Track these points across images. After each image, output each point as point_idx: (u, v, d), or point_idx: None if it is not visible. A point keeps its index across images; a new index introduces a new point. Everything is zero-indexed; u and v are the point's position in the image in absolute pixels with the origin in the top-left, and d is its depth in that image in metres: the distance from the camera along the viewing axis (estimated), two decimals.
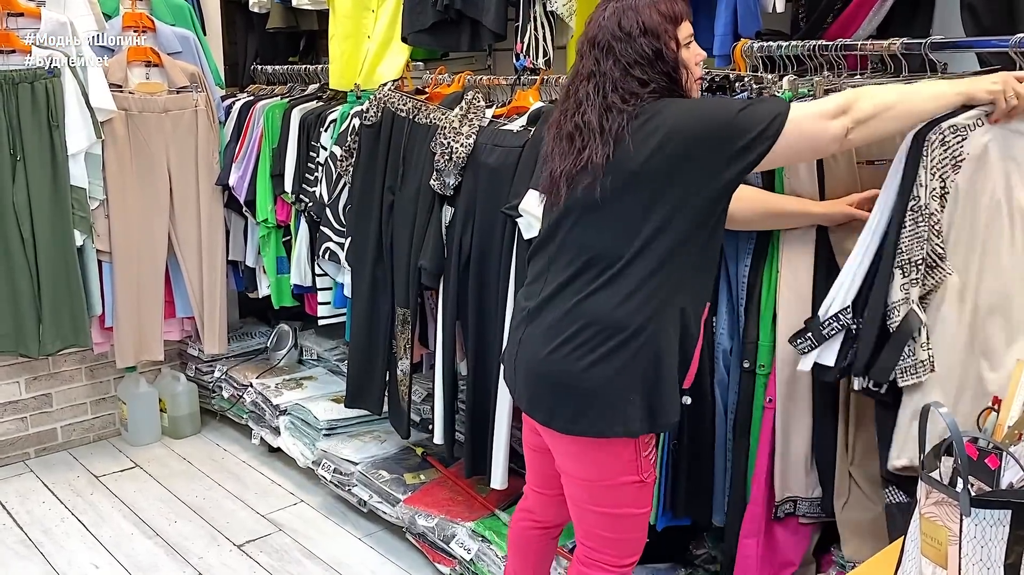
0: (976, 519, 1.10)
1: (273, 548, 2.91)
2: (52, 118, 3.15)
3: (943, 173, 1.67)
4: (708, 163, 1.64)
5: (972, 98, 1.66)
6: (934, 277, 1.69)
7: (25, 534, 3.03)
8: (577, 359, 1.71)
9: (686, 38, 1.72)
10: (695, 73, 1.74)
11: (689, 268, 1.71)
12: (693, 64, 1.74)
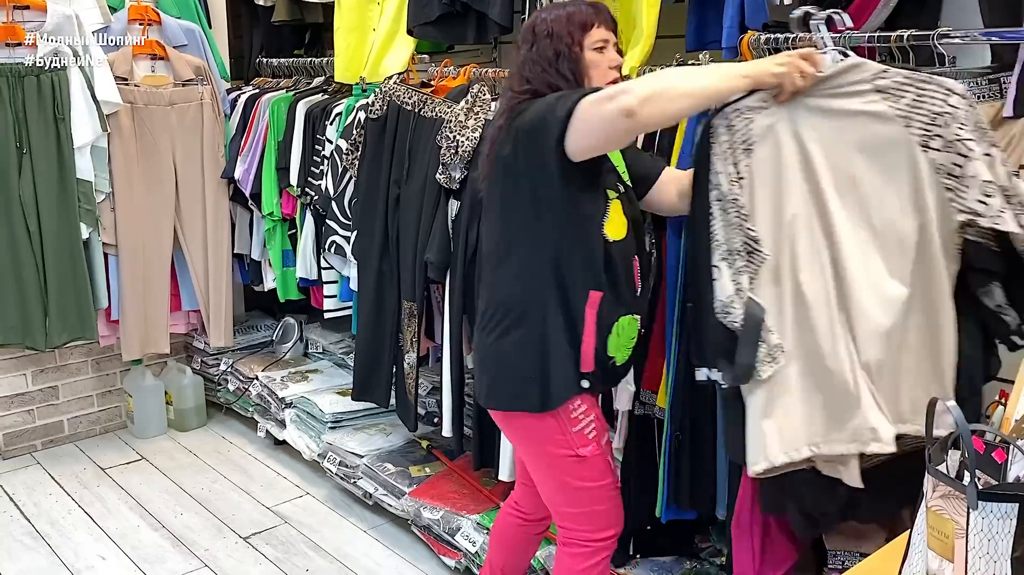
0: (983, 512, 1.10)
1: (279, 540, 2.92)
2: (58, 111, 3.15)
3: (735, 158, 1.70)
4: (538, 155, 1.78)
5: (759, 81, 1.71)
6: (754, 262, 1.70)
7: (32, 526, 3.04)
8: (486, 336, 1.90)
9: (596, 42, 1.85)
10: (604, 76, 1.86)
11: (563, 252, 1.82)
12: (605, 67, 1.86)
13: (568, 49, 1.85)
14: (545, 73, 1.84)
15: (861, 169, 1.69)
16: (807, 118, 1.71)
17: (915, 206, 1.67)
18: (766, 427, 1.69)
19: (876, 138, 1.68)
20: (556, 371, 1.83)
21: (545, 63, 1.85)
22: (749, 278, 1.71)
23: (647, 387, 2.23)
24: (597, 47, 1.86)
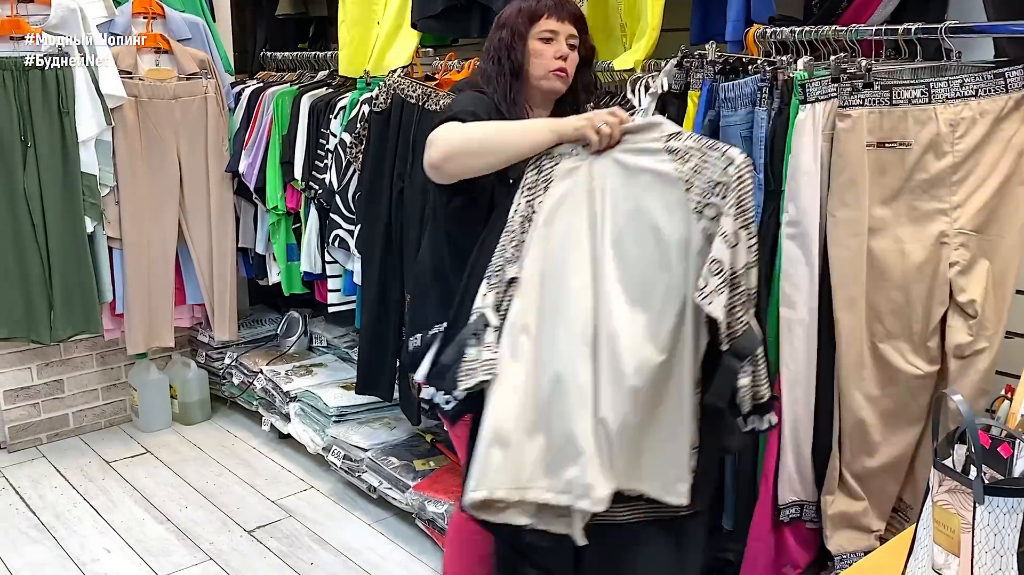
0: (990, 507, 1.10)
1: (283, 534, 2.92)
2: (62, 105, 3.15)
3: (534, 195, 1.73)
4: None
5: (562, 135, 1.75)
6: (509, 294, 1.70)
7: (38, 518, 3.05)
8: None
9: (543, 32, 1.91)
10: (546, 66, 1.91)
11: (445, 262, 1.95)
12: (549, 56, 1.90)
13: (511, 38, 1.92)
14: (484, 62, 1.96)
15: (640, 227, 1.67)
16: (606, 169, 1.71)
17: (681, 271, 1.65)
18: (494, 458, 1.65)
19: (659, 198, 1.66)
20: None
21: (490, 51, 1.95)
22: (499, 306, 1.70)
23: None
24: (543, 37, 1.91)
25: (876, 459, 1.99)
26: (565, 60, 1.93)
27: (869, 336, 1.93)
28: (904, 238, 1.89)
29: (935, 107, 1.83)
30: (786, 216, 1.91)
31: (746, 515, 2.06)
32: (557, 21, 1.92)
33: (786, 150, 1.89)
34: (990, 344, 1.89)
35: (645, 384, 1.63)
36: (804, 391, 1.97)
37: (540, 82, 1.94)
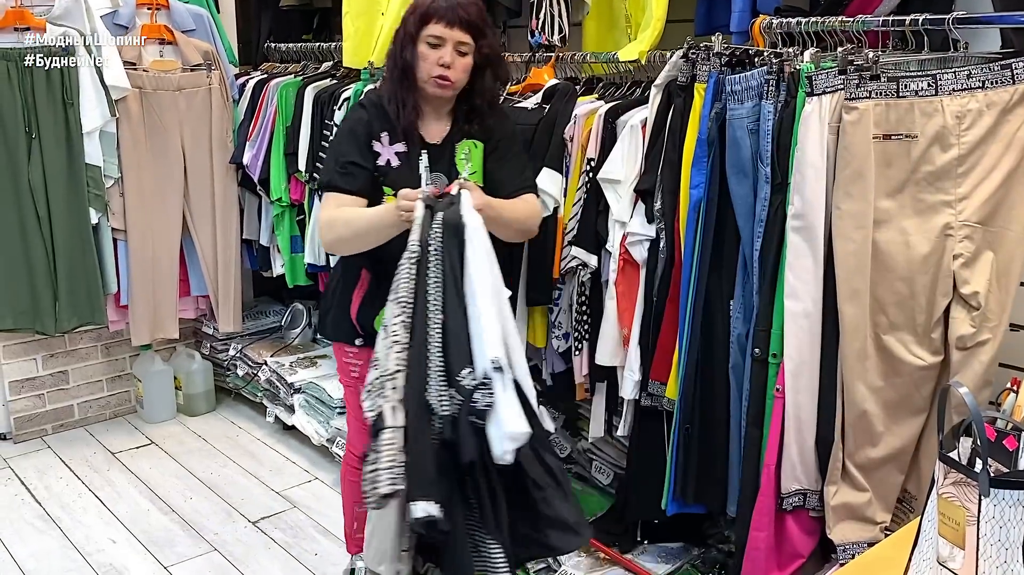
0: (995, 500, 1.09)
1: (288, 524, 2.93)
2: (67, 96, 3.15)
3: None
4: None
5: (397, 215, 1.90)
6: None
7: (43, 509, 3.06)
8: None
9: (429, 37, 1.94)
10: (429, 70, 1.95)
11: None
12: (432, 62, 1.94)
13: (403, 36, 1.98)
14: (389, 58, 2.03)
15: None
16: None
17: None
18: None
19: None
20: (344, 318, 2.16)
21: (393, 47, 2.02)
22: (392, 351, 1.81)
23: (655, 378, 2.23)
24: (430, 42, 1.94)
25: (879, 450, 1.99)
26: (448, 68, 1.94)
27: (873, 327, 1.93)
28: (909, 230, 1.88)
29: (941, 99, 1.82)
30: (792, 208, 1.90)
31: (748, 503, 2.06)
32: (446, 27, 1.92)
33: (792, 143, 1.88)
34: (993, 336, 1.88)
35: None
36: (808, 381, 1.97)
37: (424, 85, 1.98)
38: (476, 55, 1.98)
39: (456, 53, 1.95)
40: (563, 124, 2.36)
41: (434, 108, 2.05)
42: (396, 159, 2.04)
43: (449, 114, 2.07)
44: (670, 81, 2.15)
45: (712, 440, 2.14)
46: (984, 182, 1.85)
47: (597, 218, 2.30)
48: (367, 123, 2.03)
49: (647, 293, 2.23)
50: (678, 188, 2.12)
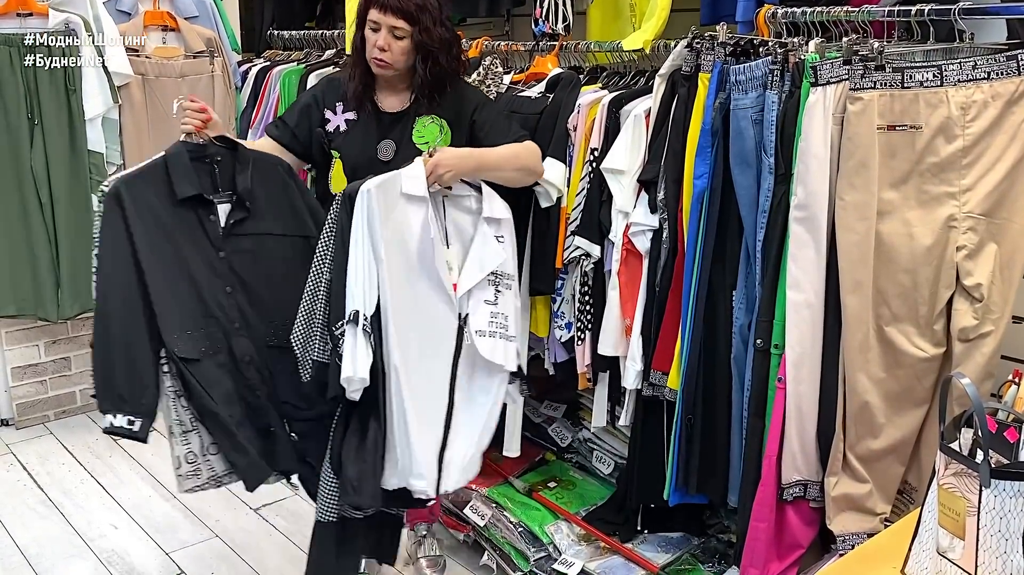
0: (996, 490, 1.10)
1: (289, 511, 2.94)
2: (69, 82, 3.15)
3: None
4: None
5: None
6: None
7: (45, 494, 3.07)
8: None
9: (370, 22, 2.09)
10: (370, 53, 2.11)
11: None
12: (371, 45, 2.10)
13: (357, 21, 2.14)
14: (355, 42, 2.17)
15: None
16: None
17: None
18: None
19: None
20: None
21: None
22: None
23: (657, 367, 2.22)
24: (371, 26, 2.09)
25: (880, 441, 1.99)
26: (384, 51, 2.09)
27: (875, 319, 1.93)
28: (912, 221, 1.88)
29: (947, 90, 1.82)
30: (795, 199, 1.90)
31: (749, 494, 2.06)
32: (379, 12, 2.08)
33: (796, 133, 1.88)
34: (996, 328, 1.88)
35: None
36: (810, 372, 1.97)
37: (370, 64, 2.14)
38: (412, 40, 2.11)
39: (392, 37, 2.09)
40: (567, 114, 2.35)
41: (388, 83, 2.20)
42: (344, 125, 2.20)
43: (407, 88, 2.21)
44: (674, 71, 2.14)
45: (714, 430, 2.14)
46: (988, 174, 1.84)
47: (600, 208, 2.30)
48: (316, 96, 2.25)
49: (650, 283, 2.23)
50: (681, 178, 2.12)
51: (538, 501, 2.62)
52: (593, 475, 2.75)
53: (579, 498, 2.63)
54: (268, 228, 2.07)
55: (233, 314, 2.04)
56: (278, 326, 2.05)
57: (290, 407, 2.09)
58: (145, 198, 1.98)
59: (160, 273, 1.97)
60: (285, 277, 2.06)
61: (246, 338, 2.05)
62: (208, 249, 2.03)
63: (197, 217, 2.02)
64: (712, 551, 2.40)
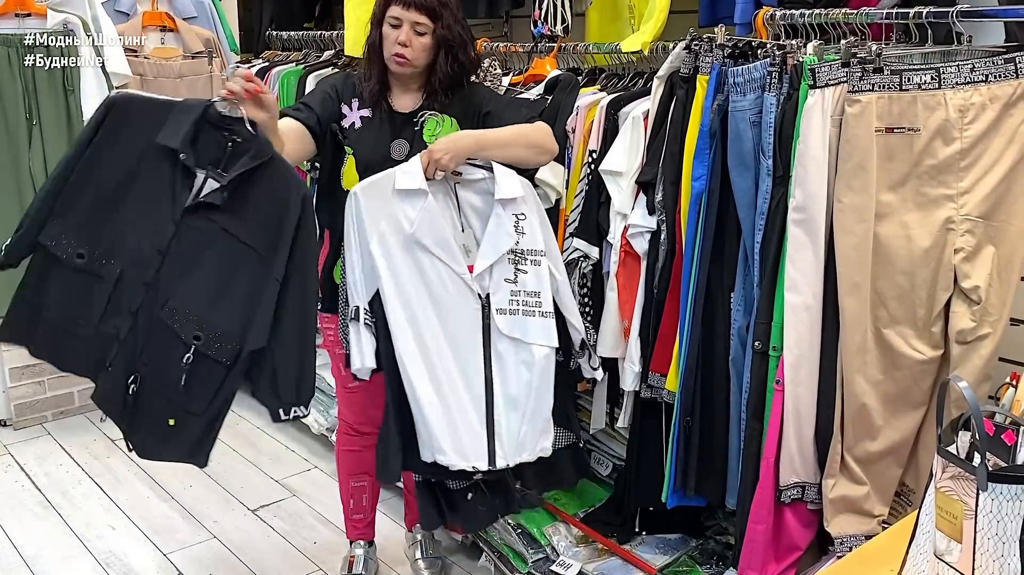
0: (993, 494, 1.10)
1: (287, 513, 2.94)
2: (67, 83, 3.15)
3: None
4: None
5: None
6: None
7: (43, 496, 3.07)
8: None
9: (391, 18, 2.09)
10: (390, 49, 2.10)
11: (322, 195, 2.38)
12: (392, 41, 2.09)
13: (373, 20, 2.16)
14: (372, 39, 2.17)
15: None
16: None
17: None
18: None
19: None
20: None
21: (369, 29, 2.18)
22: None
23: (655, 369, 2.23)
24: (391, 23, 2.09)
25: (878, 443, 1.99)
26: (405, 47, 2.09)
27: (873, 321, 1.93)
28: (910, 224, 1.88)
29: (945, 92, 1.82)
30: (793, 201, 1.90)
31: (748, 496, 2.06)
32: (403, 8, 2.07)
33: (794, 135, 1.88)
34: (993, 330, 1.89)
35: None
36: (807, 374, 1.97)
37: (388, 63, 2.14)
38: (434, 36, 2.10)
39: (413, 33, 2.09)
40: (565, 115, 2.35)
41: (402, 83, 2.19)
42: (360, 122, 2.19)
43: (419, 88, 2.20)
44: (672, 73, 2.15)
45: (712, 433, 2.14)
46: (986, 176, 1.85)
47: (599, 210, 2.30)
48: (336, 88, 2.23)
49: (648, 285, 2.23)
50: (679, 180, 2.12)
51: None
52: (592, 476, 2.75)
53: (577, 500, 2.63)
54: (235, 229, 1.93)
55: (150, 272, 1.91)
56: (184, 313, 1.92)
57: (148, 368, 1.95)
58: (133, 122, 1.88)
59: (94, 186, 1.88)
60: (220, 281, 1.94)
61: (144, 297, 1.92)
62: (167, 208, 1.90)
63: (172, 176, 1.89)
64: (710, 553, 2.40)
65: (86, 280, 1.93)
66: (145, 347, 1.96)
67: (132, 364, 1.96)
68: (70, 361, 2.04)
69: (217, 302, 1.93)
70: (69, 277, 1.94)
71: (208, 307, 1.93)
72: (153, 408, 1.99)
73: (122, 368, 1.97)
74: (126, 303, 1.93)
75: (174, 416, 2.00)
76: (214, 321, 1.92)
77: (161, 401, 1.98)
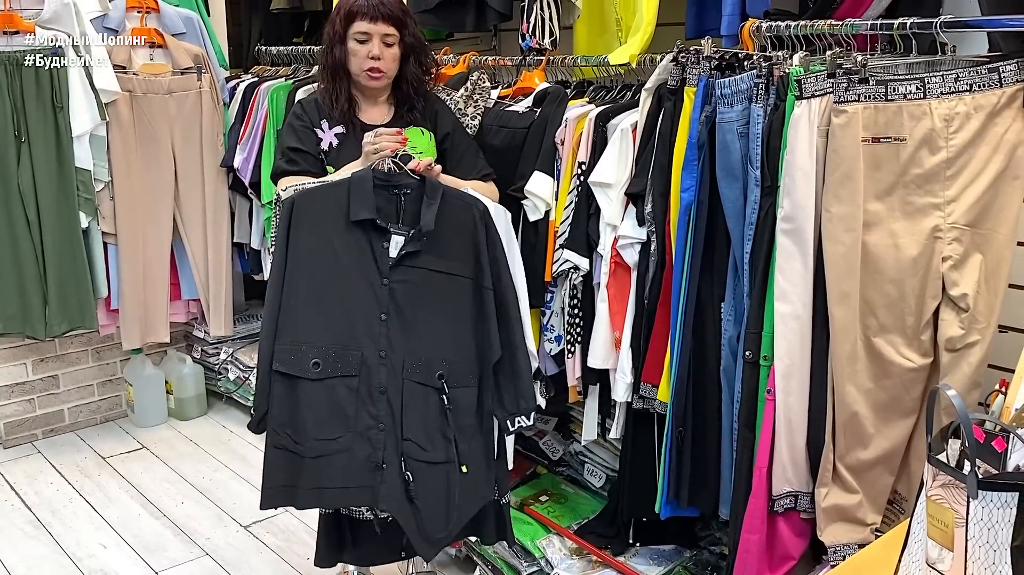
0: (983, 501, 1.10)
1: (279, 528, 2.93)
2: (56, 100, 3.14)
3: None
4: None
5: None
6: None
7: (34, 514, 3.05)
8: None
9: (357, 33, 2.11)
10: (361, 64, 2.12)
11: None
12: (363, 56, 2.11)
13: (332, 37, 2.14)
14: (322, 56, 2.19)
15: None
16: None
17: None
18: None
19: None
20: None
21: (323, 48, 2.19)
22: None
23: (647, 380, 2.23)
24: (358, 38, 2.11)
25: (870, 451, 2.00)
26: (378, 60, 2.12)
27: (863, 330, 1.94)
28: (898, 232, 1.89)
29: (930, 102, 1.83)
30: (781, 211, 1.91)
31: (741, 506, 2.06)
32: (370, 22, 2.09)
33: (782, 146, 1.89)
34: (982, 337, 1.90)
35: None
36: (798, 383, 1.97)
37: (358, 78, 2.15)
38: (401, 45, 2.15)
39: (383, 45, 2.12)
40: (554, 128, 2.36)
41: (369, 96, 2.23)
42: (336, 139, 2.24)
43: (387, 100, 2.25)
44: (660, 85, 2.16)
45: (704, 443, 2.14)
46: (972, 184, 1.86)
47: (588, 221, 2.30)
48: (303, 116, 2.24)
49: (638, 296, 2.23)
50: (668, 191, 2.13)
51: (530, 515, 2.61)
52: (585, 488, 2.75)
53: (571, 511, 2.63)
54: (440, 266, 2.02)
55: (382, 342, 1.99)
56: (422, 361, 2.01)
57: (412, 446, 2.01)
58: (317, 212, 2.00)
59: (304, 285, 2.00)
60: (445, 316, 2.03)
61: (386, 368, 2.00)
62: (373, 274, 2.00)
63: (369, 242, 2.00)
64: (704, 563, 2.40)
65: (328, 386, 1.99)
66: (404, 419, 2.00)
67: (399, 447, 2.00)
68: (344, 491, 2.02)
69: (448, 336, 2.02)
70: (313, 392, 1.99)
71: (442, 343, 2.01)
72: (431, 483, 2.01)
73: (394, 455, 2.00)
74: (375, 386, 2.00)
75: (464, 464, 2.04)
76: (450, 354, 2.01)
77: (432, 471, 2.01)
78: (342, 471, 1.98)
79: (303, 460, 1.99)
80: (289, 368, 1.99)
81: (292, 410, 2.00)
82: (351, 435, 1.98)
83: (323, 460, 1.98)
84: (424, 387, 2.00)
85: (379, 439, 1.98)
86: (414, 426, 2.00)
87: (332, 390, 1.98)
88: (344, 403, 1.98)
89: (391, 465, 1.99)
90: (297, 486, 2.00)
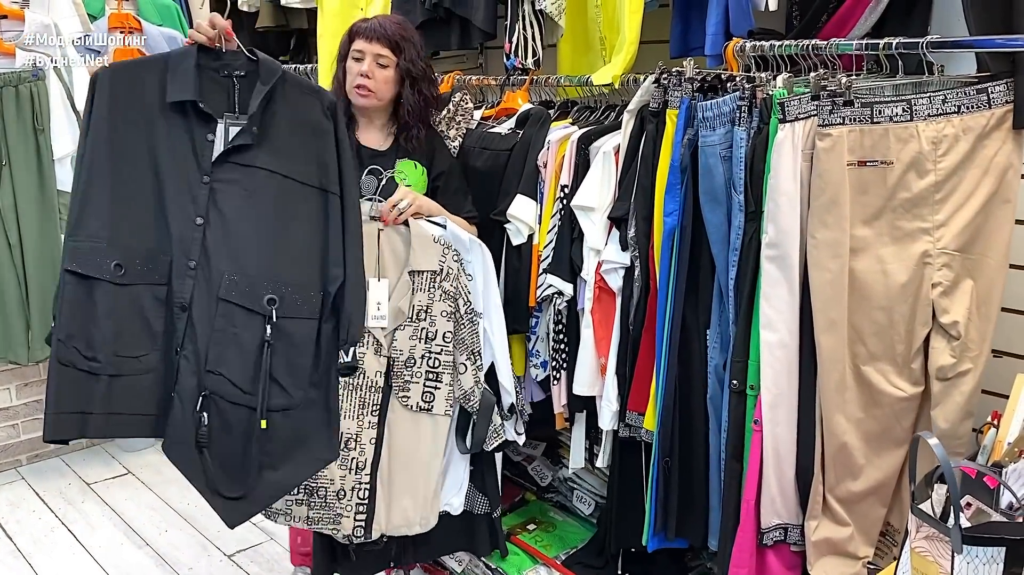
0: (968, 557, 1.05)
1: (264, 558, 2.87)
2: (37, 122, 3.11)
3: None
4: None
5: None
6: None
7: (14, 544, 2.99)
8: None
9: (354, 51, 2.14)
10: (352, 81, 2.15)
11: None
12: (355, 73, 2.14)
13: (338, 55, 2.21)
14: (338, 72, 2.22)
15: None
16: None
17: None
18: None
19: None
20: None
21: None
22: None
23: (633, 408, 2.17)
24: (354, 56, 2.15)
25: (861, 483, 1.94)
26: (367, 78, 2.13)
27: (852, 358, 1.89)
28: (886, 258, 1.84)
29: (917, 124, 1.78)
30: (766, 237, 1.86)
31: (729, 539, 2.01)
32: (365, 41, 2.13)
33: (765, 170, 1.84)
34: (974, 366, 1.84)
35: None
36: (786, 413, 1.92)
37: (349, 95, 2.17)
38: (397, 69, 2.16)
39: (376, 65, 2.13)
40: (536, 150, 2.31)
41: (367, 117, 2.23)
42: None
43: (386, 126, 2.25)
44: (642, 107, 2.11)
45: (692, 473, 2.09)
46: (962, 209, 1.81)
47: (572, 245, 2.25)
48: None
49: (623, 322, 2.18)
50: (651, 215, 2.08)
51: (517, 545, 2.56)
52: (574, 515, 2.69)
53: (559, 540, 2.57)
54: (277, 167, 1.72)
55: (194, 250, 1.69)
56: (245, 279, 1.71)
57: (221, 381, 1.71)
58: (133, 91, 1.69)
59: (108, 176, 1.68)
60: (282, 228, 1.72)
61: (194, 281, 1.69)
62: (192, 170, 1.70)
63: (190, 131, 1.70)
64: None
65: (132, 293, 1.68)
66: (209, 349, 1.68)
67: (199, 382, 1.68)
68: (133, 420, 1.71)
69: (284, 253, 1.71)
70: (115, 297, 1.68)
71: (274, 261, 1.70)
72: (233, 430, 1.71)
73: (191, 389, 1.68)
74: (176, 301, 1.68)
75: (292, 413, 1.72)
76: (286, 275, 1.69)
77: (241, 416, 1.70)
78: (144, 395, 1.70)
79: (97, 378, 1.68)
80: (85, 268, 1.67)
81: (85, 319, 1.69)
82: (158, 354, 1.69)
83: (124, 380, 1.69)
84: (246, 311, 1.70)
85: (174, 364, 1.69)
86: (227, 357, 1.70)
87: (137, 298, 1.69)
88: (151, 315, 1.68)
89: (185, 401, 1.69)
90: (91, 411, 1.69)
